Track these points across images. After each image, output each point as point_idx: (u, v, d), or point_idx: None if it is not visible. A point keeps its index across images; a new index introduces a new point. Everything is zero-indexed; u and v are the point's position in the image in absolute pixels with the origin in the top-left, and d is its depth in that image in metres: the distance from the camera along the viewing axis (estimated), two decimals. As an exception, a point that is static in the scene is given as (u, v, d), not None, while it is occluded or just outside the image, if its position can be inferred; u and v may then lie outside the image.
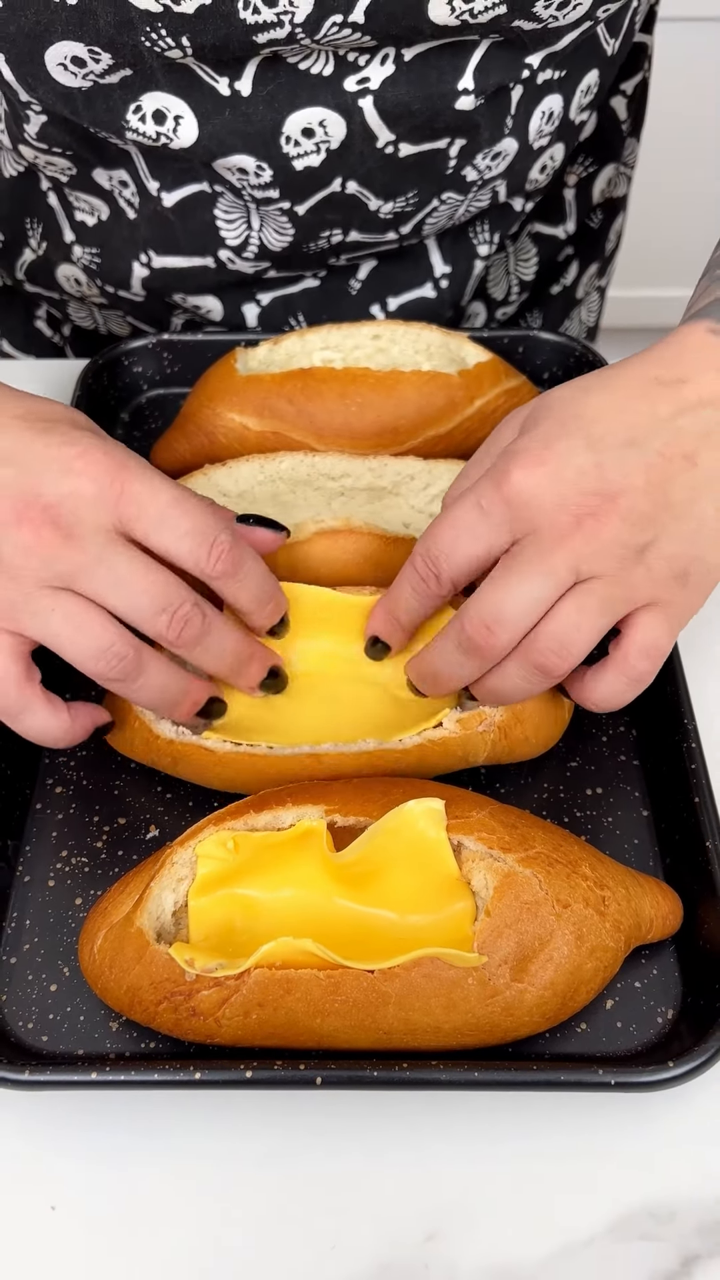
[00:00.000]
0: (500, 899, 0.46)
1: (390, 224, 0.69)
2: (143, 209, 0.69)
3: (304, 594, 0.57)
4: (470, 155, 0.66)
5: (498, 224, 0.76)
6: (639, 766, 0.57)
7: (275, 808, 0.49)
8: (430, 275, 0.76)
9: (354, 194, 0.65)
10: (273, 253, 0.69)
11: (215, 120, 0.60)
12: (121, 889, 0.49)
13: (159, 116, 0.60)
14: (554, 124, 0.69)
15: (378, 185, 0.65)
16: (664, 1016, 0.49)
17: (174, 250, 0.71)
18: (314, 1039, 0.45)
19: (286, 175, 0.63)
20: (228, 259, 0.70)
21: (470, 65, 0.60)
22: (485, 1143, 0.46)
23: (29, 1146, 0.47)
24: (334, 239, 0.69)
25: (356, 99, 0.61)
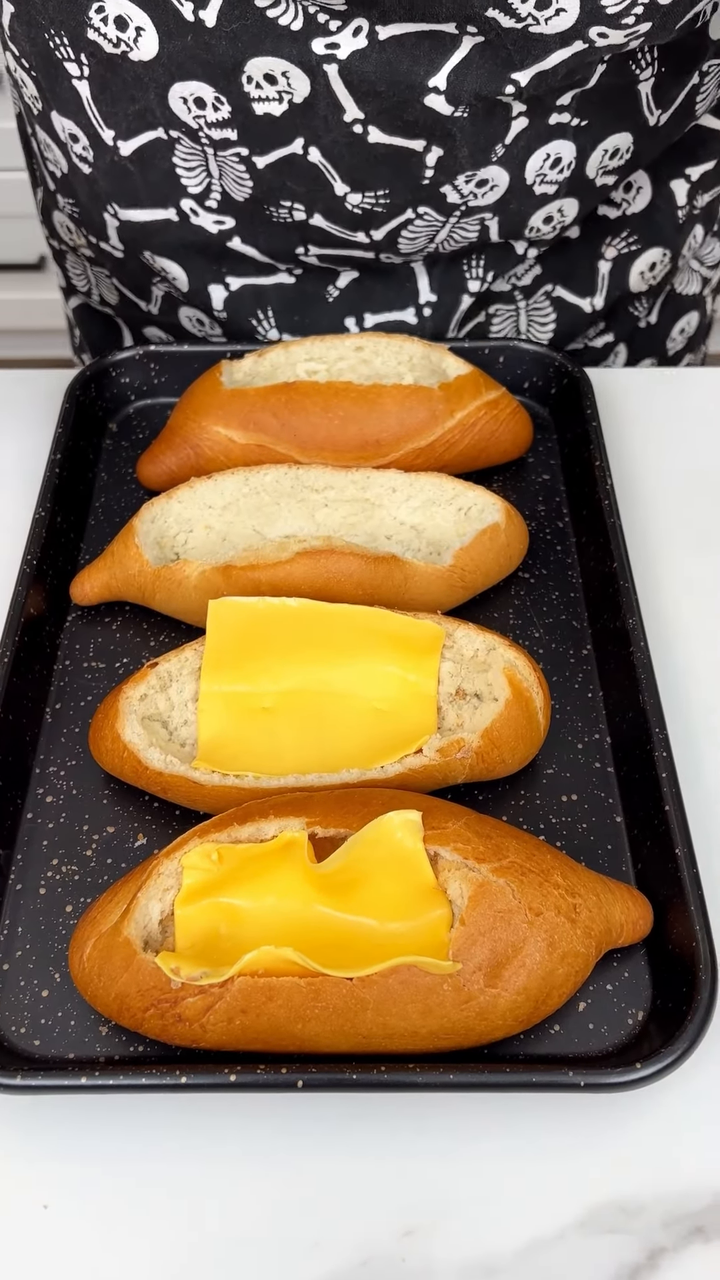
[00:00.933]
0: (474, 908, 0.47)
1: (359, 221, 0.68)
2: (98, 162, 0.68)
3: (285, 608, 0.58)
4: (449, 171, 0.65)
5: (495, 263, 0.74)
6: (613, 774, 0.59)
7: (258, 820, 0.50)
8: (414, 300, 0.76)
9: (317, 164, 0.65)
10: (236, 204, 0.68)
11: (177, 41, 0.60)
12: (110, 898, 0.51)
13: (120, 23, 0.60)
14: (563, 173, 0.67)
15: (344, 166, 0.65)
16: (634, 1018, 0.51)
17: (135, 203, 0.70)
18: (295, 1043, 0.47)
19: (245, 116, 0.63)
20: (190, 209, 0.70)
21: (447, 63, 0.60)
22: (460, 1142, 0.48)
23: (22, 1147, 0.48)
24: (297, 214, 0.68)
25: (323, 62, 0.60)
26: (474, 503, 0.66)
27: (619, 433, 0.76)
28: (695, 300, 0.85)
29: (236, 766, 0.56)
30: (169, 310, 0.81)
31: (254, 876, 0.49)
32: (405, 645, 0.58)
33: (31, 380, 0.81)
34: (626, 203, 0.75)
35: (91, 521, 0.72)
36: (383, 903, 0.49)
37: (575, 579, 0.68)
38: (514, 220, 0.69)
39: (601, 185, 0.70)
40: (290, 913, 0.49)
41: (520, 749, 0.56)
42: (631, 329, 0.84)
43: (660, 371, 0.81)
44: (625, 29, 0.57)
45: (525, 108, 0.62)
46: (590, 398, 0.73)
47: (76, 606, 0.67)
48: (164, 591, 0.63)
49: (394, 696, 0.58)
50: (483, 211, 0.68)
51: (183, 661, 0.59)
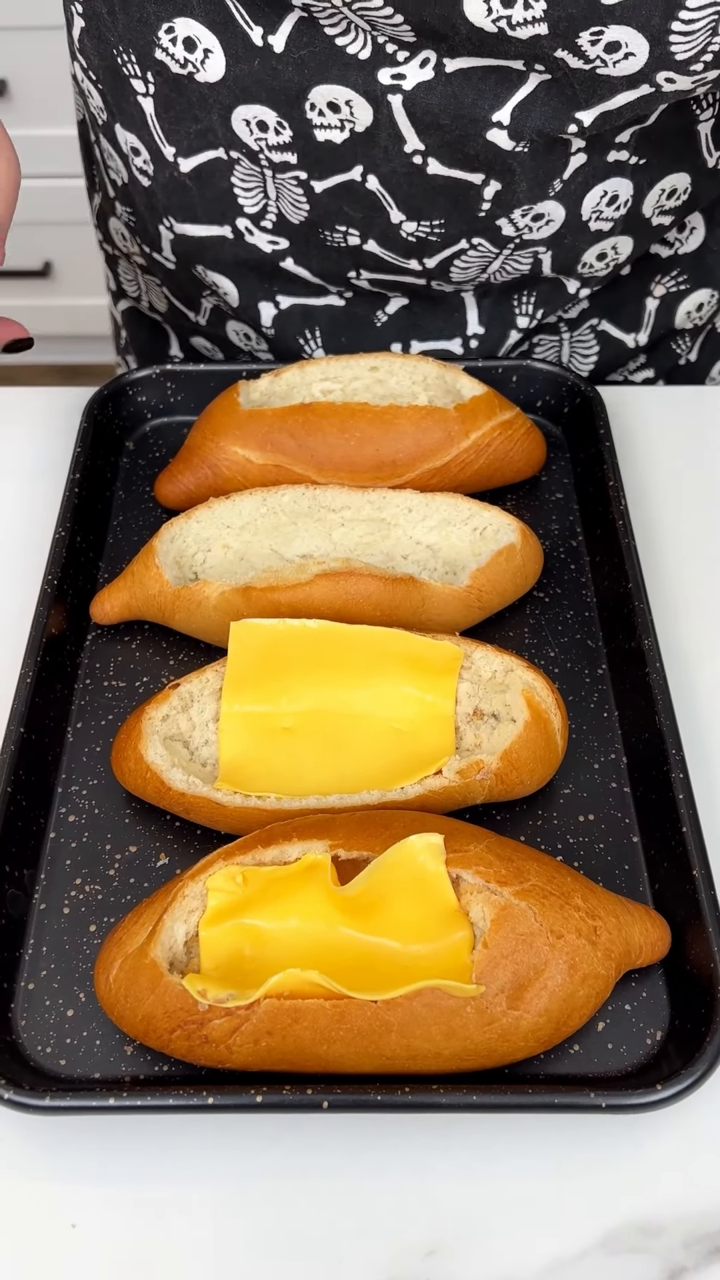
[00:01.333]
0: (497, 931, 0.48)
1: (413, 249, 0.68)
2: (158, 176, 0.69)
3: (305, 630, 0.59)
4: (506, 205, 0.65)
5: (545, 300, 0.74)
6: (630, 794, 0.60)
7: (282, 842, 0.51)
8: (462, 331, 0.76)
9: (375, 192, 0.65)
10: (291, 226, 0.69)
11: (244, 65, 0.61)
12: (135, 919, 0.51)
13: (189, 44, 0.61)
14: (619, 210, 0.67)
15: (401, 195, 0.65)
16: (653, 1038, 0.52)
17: (192, 218, 0.71)
18: (320, 1064, 0.48)
19: (305, 142, 0.63)
20: (245, 228, 0.70)
21: (512, 99, 0.59)
22: (482, 1161, 0.49)
23: (50, 1166, 0.49)
24: (351, 239, 0.68)
25: (387, 92, 0.60)
26: (489, 523, 0.67)
27: (632, 451, 0.77)
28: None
29: (257, 786, 0.56)
30: (217, 323, 0.81)
31: (278, 898, 0.50)
32: (423, 666, 0.59)
33: (51, 398, 0.82)
34: (679, 242, 0.75)
35: (110, 540, 0.72)
36: (405, 925, 0.50)
37: (590, 598, 0.69)
38: (567, 255, 0.69)
39: (657, 225, 0.70)
40: (314, 934, 0.50)
41: (539, 770, 0.57)
42: (672, 366, 0.84)
43: (673, 391, 0.82)
44: (693, 75, 0.56)
45: (584, 144, 0.62)
46: (603, 417, 0.73)
47: (96, 625, 0.67)
48: (184, 611, 0.64)
49: (412, 717, 0.58)
50: (536, 245, 0.68)
51: (204, 682, 0.60)
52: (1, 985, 0.53)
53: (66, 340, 2.17)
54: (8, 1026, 0.52)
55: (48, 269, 2.02)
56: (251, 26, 0.59)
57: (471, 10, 0.55)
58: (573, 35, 0.55)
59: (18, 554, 0.72)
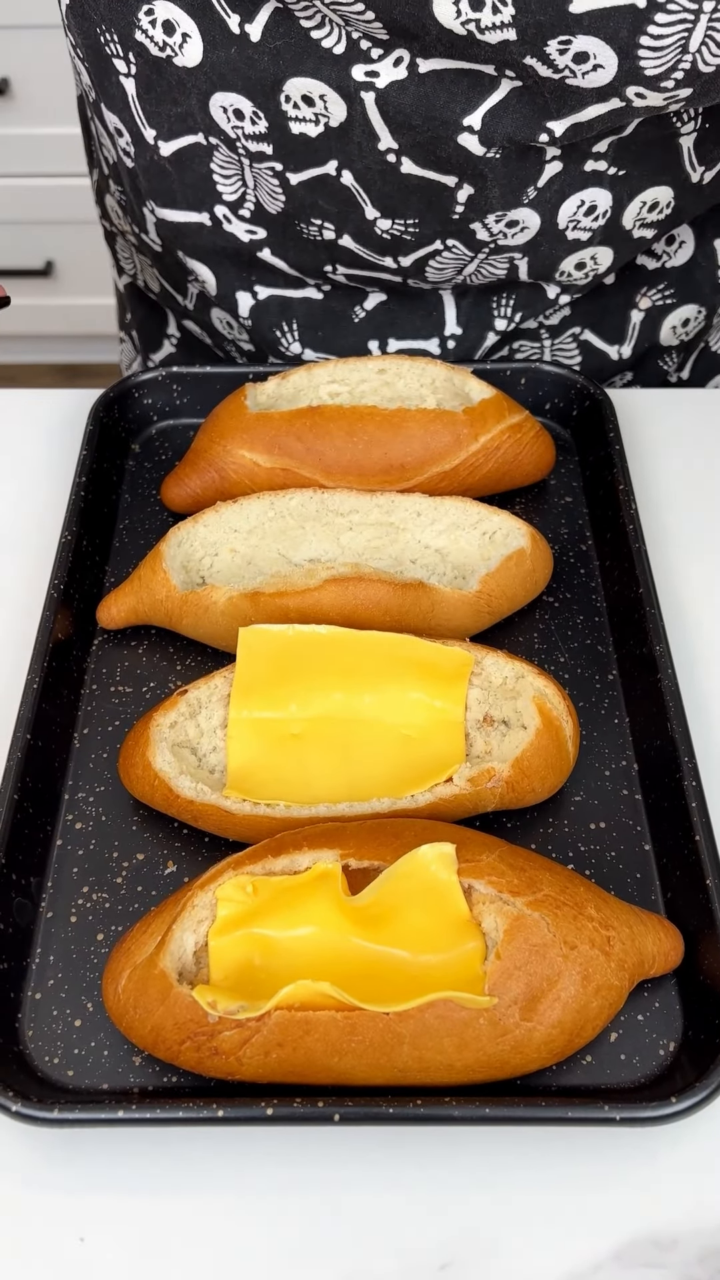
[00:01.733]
0: (510, 942, 0.48)
1: (388, 246, 0.68)
2: (139, 159, 0.69)
3: (315, 636, 0.58)
4: (479, 209, 0.65)
5: (525, 304, 0.74)
6: (641, 801, 0.59)
7: (292, 851, 0.50)
8: (439, 330, 0.76)
9: (349, 187, 0.65)
10: (268, 216, 0.69)
11: (220, 51, 0.61)
12: (143, 929, 0.51)
13: (168, 27, 0.61)
14: (597, 221, 0.66)
15: (376, 191, 0.65)
16: (665, 1049, 0.51)
17: (171, 203, 0.71)
18: (331, 1076, 0.47)
19: (281, 134, 0.64)
20: (224, 215, 0.70)
21: (484, 105, 0.59)
22: (494, 1172, 0.48)
23: (58, 1178, 0.48)
24: (326, 233, 0.68)
25: (360, 89, 0.60)
26: (499, 527, 0.67)
27: (642, 454, 0.77)
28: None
29: (266, 793, 0.56)
30: (203, 309, 0.81)
31: (288, 908, 0.50)
32: (433, 672, 0.58)
33: (56, 400, 0.81)
34: (667, 255, 0.75)
35: (116, 544, 0.72)
36: (417, 935, 0.49)
37: (600, 603, 0.68)
38: (544, 262, 0.69)
39: (639, 237, 0.70)
40: (324, 944, 0.49)
41: (550, 778, 0.56)
42: (660, 384, 0.84)
43: (683, 393, 0.81)
44: (664, 92, 0.56)
45: (559, 152, 0.62)
46: (613, 420, 0.73)
47: (103, 630, 0.67)
48: (191, 616, 0.63)
49: (422, 723, 0.58)
50: (512, 251, 0.68)
51: (212, 688, 0.59)
52: (9, 995, 0.52)
53: (68, 340, 2.16)
54: (15, 1037, 0.51)
55: (49, 268, 2.01)
56: (229, 13, 0.60)
57: (440, 11, 0.54)
58: (541, 43, 0.55)
59: (23, 557, 0.71)
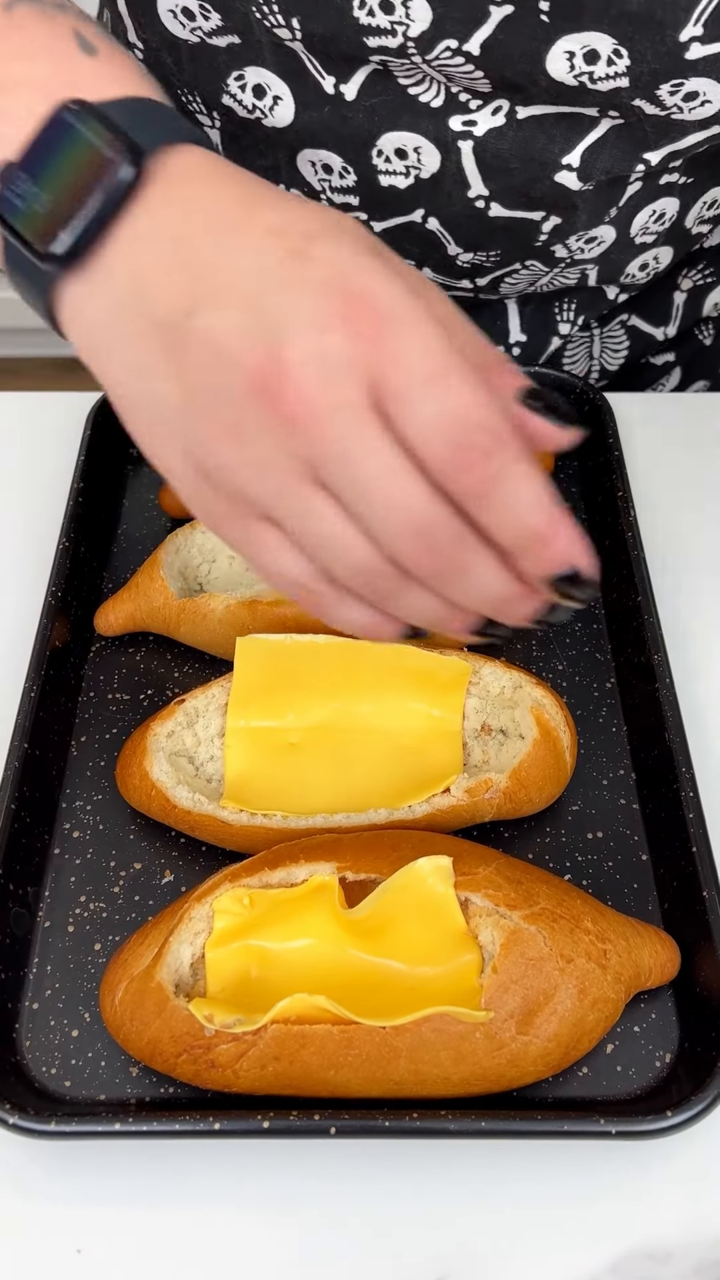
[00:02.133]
0: (506, 956, 0.48)
1: (467, 273, 0.69)
2: None
3: (313, 646, 0.58)
4: (563, 235, 0.65)
5: (586, 306, 0.75)
6: (639, 810, 0.59)
7: (289, 864, 0.50)
8: (504, 339, 0.76)
9: (434, 231, 0.65)
10: None
11: (313, 112, 0.60)
12: (140, 940, 0.51)
13: (259, 91, 0.60)
14: (664, 225, 0.67)
15: (461, 233, 0.65)
16: (662, 1060, 0.51)
17: None
18: (328, 1089, 0.47)
19: (369, 187, 0.63)
20: None
21: (583, 143, 0.59)
22: (490, 1185, 0.48)
23: (55, 1190, 0.49)
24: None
25: (457, 139, 0.60)
26: (498, 534, 0.66)
27: (641, 459, 0.76)
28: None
29: (263, 803, 0.56)
30: None
31: (285, 920, 0.50)
32: (431, 682, 0.58)
33: (51, 401, 0.81)
34: (706, 237, 0.76)
35: (114, 549, 0.72)
36: (413, 948, 0.49)
37: (598, 610, 0.68)
38: (613, 268, 0.70)
39: (697, 234, 0.71)
40: (321, 956, 0.49)
41: (547, 788, 0.56)
42: (693, 352, 0.85)
43: (686, 398, 0.81)
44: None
45: (644, 173, 0.63)
46: (612, 426, 0.72)
47: (100, 636, 0.67)
48: (189, 624, 0.63)
49: (420, 732, 0.58)
50: (585, 264, 0.69)
51: (209, 698, 0.59)
52: (6, 1005, 0.52)
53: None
54: (12, 1047, 0.51)
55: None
56: (324, 76, 0.59)
57: (555, 68, 0.55)
58: (653, 87, 0.55)
59: (20, 562, 0.71)
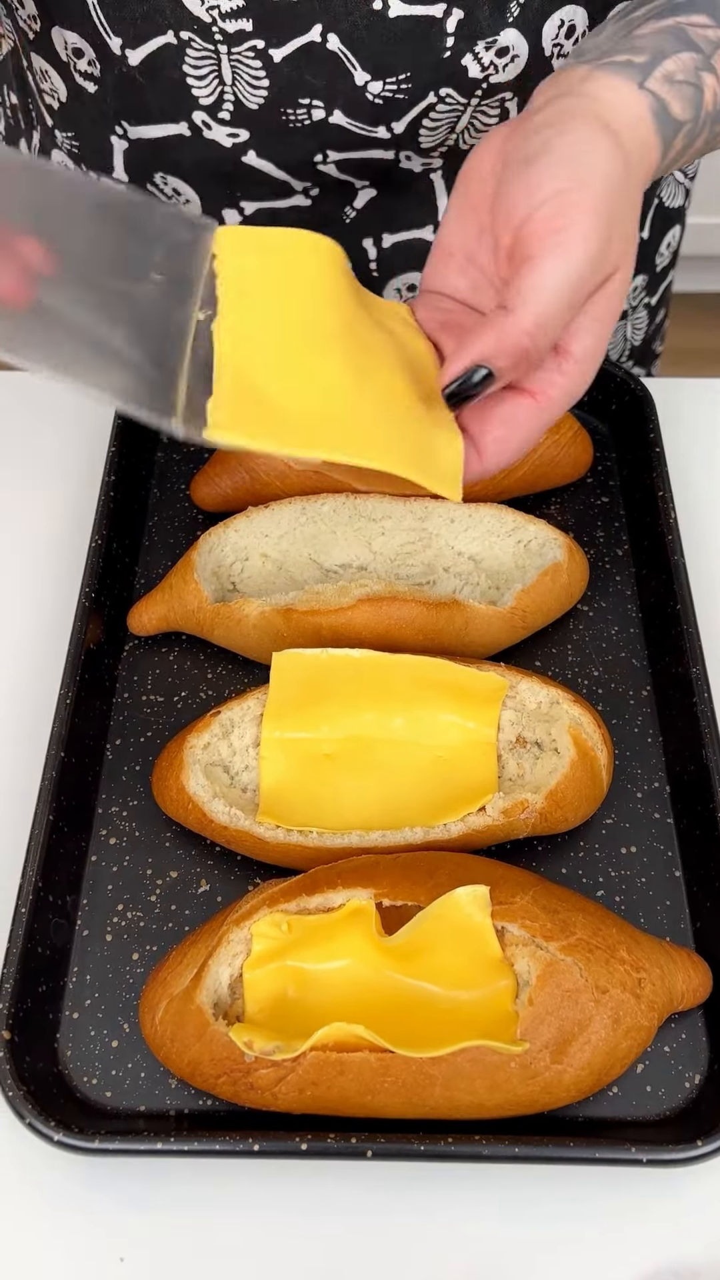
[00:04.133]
0: (542, 988, 0.48)
1: (380, 113, 0.65)
2: (105, 76, 0.66)
3: (348, 659, 0.58)
4: (469, 37, 0.62)
5: None
6: (673, 826, 0.59)
7: (326, 890, 0.51)
8: (434, 217, 0.73)
9: (336, 52, 0.62)
10: (249, 113, 0.66)
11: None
12: (179, 960, 0.52)
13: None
14: (576, 43, 0.64)
15: (365, 51, 0.62)
16: (691, 1082, 0.52)
17: (146, 118, 0.68)
18: (365, 1112, 0.48)
19: (261, 6, 0.61)
20: (203, 122, 0.67)
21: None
22: (521, 1206, 0.50)
23: (99, 1200, 0.50)
24: (315, 113, 0.65)
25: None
26: (534, 536, 0.65)
27: (684, 450, 0.75)
28: (679, 213, 0.84)
29: (299, 815, 0.56)
30: None
31: (322, 944, 0.50)
32: (467, 695, 0.58)
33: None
34: None
35: (146, 543, 0.71)
36: (449, 973, 0.50)
37: (635, 614, 0.67)
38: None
39: None
40: (358, 978, 0.50)
41: (583, 807, 0.56)
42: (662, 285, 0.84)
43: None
44: None
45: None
46: (653, 419, 0.71)
47: (133, 635, 0.67)
48: (222, 628, 0.63)
49: (454, 745, 0.58)
50: (503, 90, 0.65)
51: (245, 709, 0.59)
52: (48, 1016, 0.53)
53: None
54: (54, 1058, 0.53)
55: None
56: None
57: None
58: None
59: (49, 554, 0.71)
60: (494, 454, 0.48)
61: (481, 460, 0.48)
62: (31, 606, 0.69)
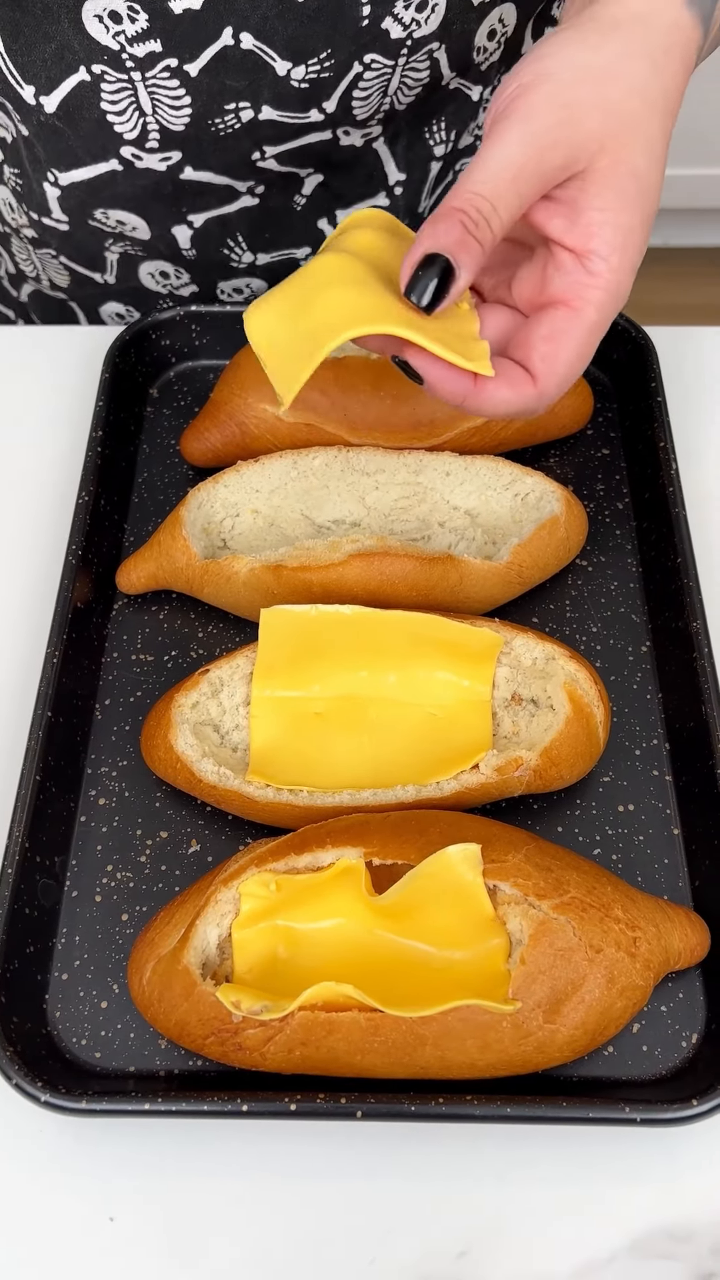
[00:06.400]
0: (535, 946, 0.47)
1: (309, 97, 0.63)
2: (28, 124, 0.64)
3: (338, 616, 0.57)
4: (386, 1, 0.60)
5: (455, 119, 0.70)
6: (671, 783, 0.58)
7: (315, 849, 0.50)
8: (384, 184, 0.72)
9: (252, 50, 0.60)
10: (176, 134, 0.64)
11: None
12: (167, 920, 0.51)
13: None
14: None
15: (280, 40, 0.60)
16: (688, 1041, 0.51)
17: (74, 162, 0.66)
18: (354, 1072, 0.48)
19: (165, 21, 0.58)
20: (132, 155, 0.65)
21: None
22: (514, 1165, 0.49)
23: (88, 1161, 0.50)
24: (244, 114, 0.63)
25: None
26: (532, 489, 0.64)
27: (686, 400, 0.73)
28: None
29: (289, 774, 0.55)
30: (128, 275, 0.76)
31: (311, 903, 0.49)
32: (461, 652, 0.57)
33: (65, 337, 0.78)
34: (556, 18, 0.71)
35: (135, 499, 0.70)
36: (440, 932, 0.49)
37: (635, 568, 0.66)
38: (461, 45, 0.65)
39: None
40: (349, 936, 0.49)
41: (579, 765, 0.55)
42: None
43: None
44: None
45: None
46: (655, 369, 0.69)
47: (122, 594, 0.65)
48: (212, 586, 0.62)
49: (448, 702, 0.57)
50: (429, 43, 0.63)
51: (234, 667, 0.58)
52: (36, 977, 0.53)
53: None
54: (43, 1019, 0.52)
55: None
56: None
57: None
58: None
59: (36, 508, 0.69)
60: (545, 372, 0.47)
61: (536, 381, 0.48)
62: (19, 565, 0.67)
